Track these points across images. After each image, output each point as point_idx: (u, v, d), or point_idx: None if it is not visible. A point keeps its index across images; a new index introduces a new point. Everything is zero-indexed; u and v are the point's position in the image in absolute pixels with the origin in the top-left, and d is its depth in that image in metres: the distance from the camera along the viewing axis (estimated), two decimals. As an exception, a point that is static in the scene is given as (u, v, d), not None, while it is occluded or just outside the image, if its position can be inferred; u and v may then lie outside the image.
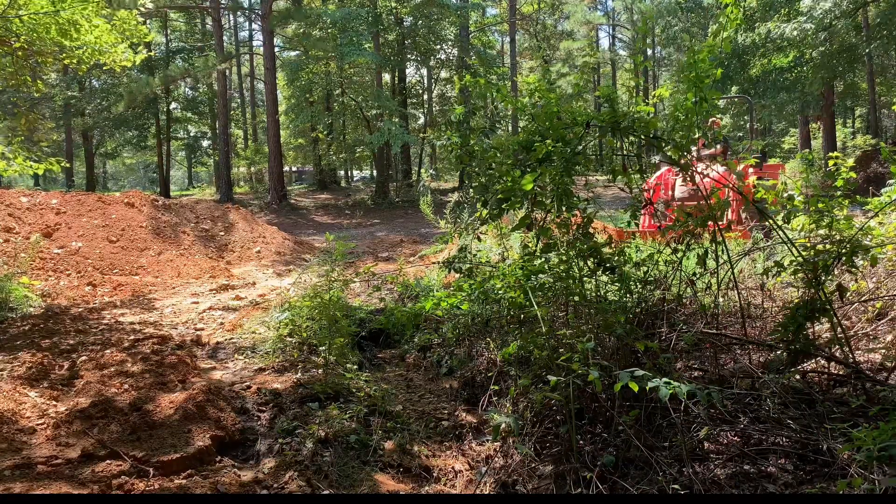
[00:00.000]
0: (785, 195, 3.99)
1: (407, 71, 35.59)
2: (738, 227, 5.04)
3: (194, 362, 5.12)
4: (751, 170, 4.86)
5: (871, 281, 4.64)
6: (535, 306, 3.66)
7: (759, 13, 21.63)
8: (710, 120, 4.04)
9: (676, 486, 2.79)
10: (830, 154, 4.51)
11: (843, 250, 3.58)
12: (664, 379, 2.76)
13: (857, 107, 38.19)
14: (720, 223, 3.90)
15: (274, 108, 28.81)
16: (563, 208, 3.89)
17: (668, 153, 3.87)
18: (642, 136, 3.86)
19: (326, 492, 3.23)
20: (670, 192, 7.56)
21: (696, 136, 3.93)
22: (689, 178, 3.93)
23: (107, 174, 54.12)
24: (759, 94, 25.46)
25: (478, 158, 4.22)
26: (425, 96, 38.25)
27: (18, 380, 4.41)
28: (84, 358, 5.07)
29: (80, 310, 7.54)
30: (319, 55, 28.24)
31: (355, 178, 47.53)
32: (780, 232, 3.76)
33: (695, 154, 5.08)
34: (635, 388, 2.75)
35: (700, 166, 5.33)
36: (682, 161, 3.84)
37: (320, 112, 31.65)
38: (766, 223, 5.24)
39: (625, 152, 4.04)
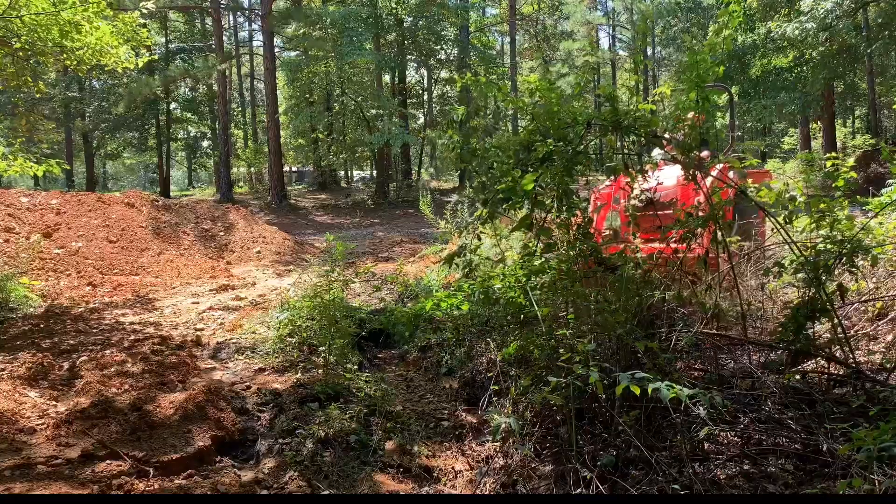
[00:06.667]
0: (787, 195, 3.98)
1: (407, 71, 35.55)
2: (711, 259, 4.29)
3: (194, 362, 5.12)
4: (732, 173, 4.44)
5: (870, 281, 4.63)
6: (535, 306, 3.66)
7: (759, 13, 21.63)
8: (690, 113, 3.92)
9: (676, 486, 2.79)
10: (827, 155, 4.50)
11: (844, 250, 3.58)
12: (665, 381, 2.76)
13: (858, 107, 38.16)
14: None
15: (274, 108, 28.80)
16: (564, 208, 3.88)
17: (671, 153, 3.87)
18: (643, 136, 3.86)
19: (326, 492, 3.23)
20: (623, 203, 7.20)
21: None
22: (689, 178, 3.92)
23: (107, 174, 54.06)
24: (759, 94, 25.45)
25: (478, 158, 4.22)
26: (425, 96, 38.22)
27: (18, 380, 4.41)
28: (84, 358, 5.07)
29: (80, 310, 7.54)
30: (319, 55, 28.23)
31: (355, 179, 47.44)
32: (783, 232, 3.76)
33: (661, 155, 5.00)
34: (637, 391, 2.75)
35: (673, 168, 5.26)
36: (686, 160, 3.83)
37: (320, 112, 31.63)
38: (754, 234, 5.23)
39: (626, 152, 4.03)
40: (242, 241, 13.60)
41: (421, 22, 31.07)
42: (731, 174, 4.20)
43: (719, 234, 3.97)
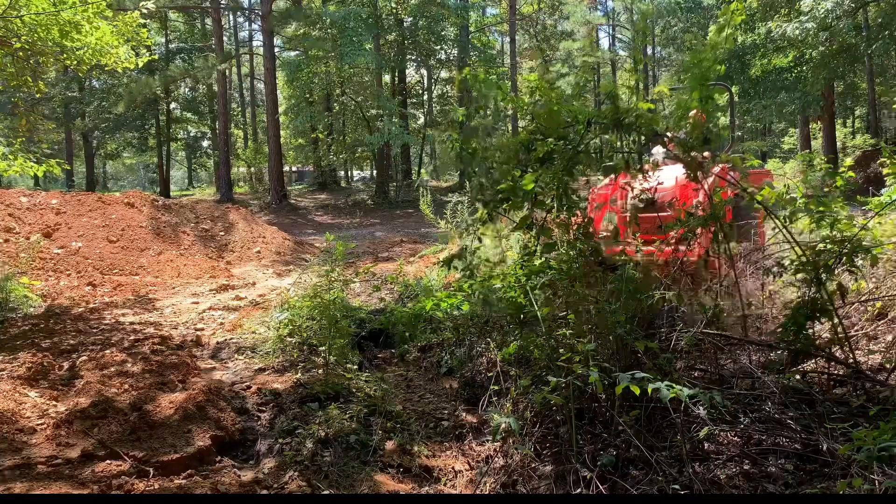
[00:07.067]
0: (787, 196, 3.98)
1: (407, 71, 35.56)
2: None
3: (194, 362, 5.11)
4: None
5: (870, 281, 4.63)
6: (535, 306, 3.66)
7: (759, 13, 21.64)
8: (692, 112, 3.91)
9: (676, 486, 2.79)
10: (821, 158, 4.51)
11: (844, 250, 3.58)
12: (665, 381, 2.76)
13: (858, 107, 38.18)
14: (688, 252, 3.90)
15: (274, 108, 28.80)
16: (564, 208, 3.88)
17: (676, 151, 3.86)
18: (644, 134, 3.85)
19: (326, 492, 3.23)
20: (620, 203, 7.10)
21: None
22: (693, 177, 3.92)
23: (107, 174, 54.08)
24: (759, 94, 25.45)
25: (478, 158, 4.22)
26: (425, 96, 38.23)
27: (18, 380, 4.41)
28: (84, 358, 5.07)
29: (80, 310, 7.54)
30: (319, 55, 28.24)
31: (355, 178, 47.48)
32: (786, 231, 3.75)
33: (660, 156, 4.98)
34: (637, 391, 2.75)
35: (673, 167, 5.25)
36: (689, 159, 3.83)
37: (320, 112, 31.65)
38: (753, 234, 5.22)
39: (627, 150, 4.03)
40: (242, 241, 13.59)
41: (421, 22, 31.10)
42: (730, 174, 4.19)
43: (720, 234, 3.97)
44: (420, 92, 39.13)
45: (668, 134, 3.92)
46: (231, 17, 43.45)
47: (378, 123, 28.65)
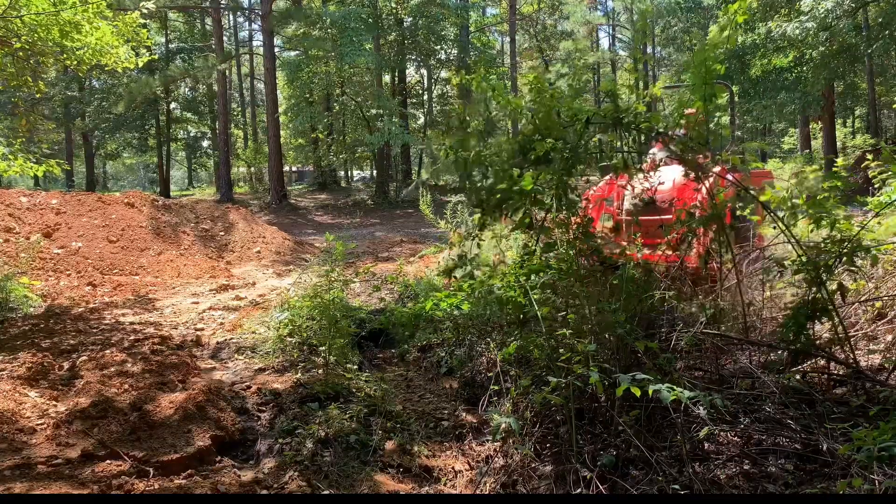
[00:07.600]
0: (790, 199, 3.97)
1: (407, 71, 35.57)
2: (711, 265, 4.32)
3: (194, 362, 5.12)
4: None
5: (870, 281, 4.63)
6: (535, 306, 3.66)
7: (759, 13, 21.64)
8: (691, 110, 3.89)
9: (676, 486, 2.79)
10: (808, 168, 4.50)
11: (844, 250, 3.58)
12: (665, 382, 2.76)
13: (858, 107, 38.17)
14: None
15: (274, 108, 28.80)
16: (563, 207, 3.88)
17: (678, 150, 3.85)
18: (644, 133, 3.84)
19: (326, 492, 3.23)
20: (616, 204, 6.99)
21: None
22: (696, 178, 3.91)
23: (107, 174, 54.07)
24: (759, 94, 25.45)
25: (474, 162, 4.21)
26: (425, 96, 38.24)
27: (18, 380, 4.41)
28: (84, 358, 5.07)
29: (80, 310, 7.54)
30: (319, 55, 28.25)
31: (355, 178, 47.51)
32: (787, 232, 3.75)
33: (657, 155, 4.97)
34: (637, 392, 2.75)
35: (670, 169, 5.25)
36: (690, 158, 3.82)
37: (320, 112, 31.66)
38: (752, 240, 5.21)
39: (626, 149, 4.02)
40: (242, 241, 13.60)
41: (421, 22, 31.09)
42: (729, 177, 4.19)
43: (721, 235, 3.96)
44: (420, 92, 39.15)
45: (668, 132, 3.92)
46: (231, 17, 43.45)
47: (378, 123, 28.64)
